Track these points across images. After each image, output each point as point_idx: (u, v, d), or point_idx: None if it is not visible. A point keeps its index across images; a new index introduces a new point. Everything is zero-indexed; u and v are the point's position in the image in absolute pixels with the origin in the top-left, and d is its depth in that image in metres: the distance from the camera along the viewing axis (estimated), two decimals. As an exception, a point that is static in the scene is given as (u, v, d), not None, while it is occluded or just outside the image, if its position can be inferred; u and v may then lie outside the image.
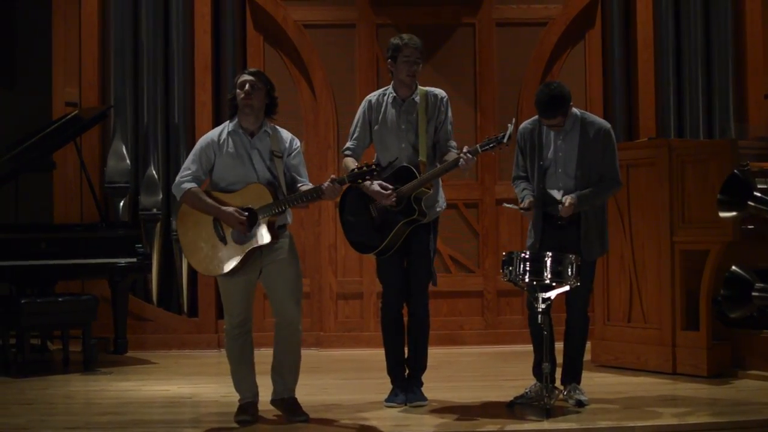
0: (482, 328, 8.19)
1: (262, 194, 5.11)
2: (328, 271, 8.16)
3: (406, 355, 5.70)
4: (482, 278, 8.21)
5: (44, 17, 8.38)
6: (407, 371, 5.68)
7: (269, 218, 5.08)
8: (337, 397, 5.90)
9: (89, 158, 7.98)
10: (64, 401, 5.90)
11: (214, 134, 5.28)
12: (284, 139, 5.29)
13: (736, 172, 6.03)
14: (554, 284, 5.20)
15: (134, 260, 7.25)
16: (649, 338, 6.54)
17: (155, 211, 8.05)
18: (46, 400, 5.94)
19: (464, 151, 5.36)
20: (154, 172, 8.10)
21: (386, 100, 5.65)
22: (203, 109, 8.23)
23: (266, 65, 8.09)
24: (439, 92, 5.66)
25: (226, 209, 5.09)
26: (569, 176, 5.46)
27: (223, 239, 5.14)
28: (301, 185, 5.23)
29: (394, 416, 5.35)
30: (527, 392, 5.52)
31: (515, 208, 5.51)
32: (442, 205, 5.68)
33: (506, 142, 5.33)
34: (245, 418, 5.19)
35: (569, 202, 5.35)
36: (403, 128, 5.58)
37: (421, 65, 5.59)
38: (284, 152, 5.24)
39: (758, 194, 6.02)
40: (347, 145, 5.71)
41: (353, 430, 5.09)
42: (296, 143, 5.33)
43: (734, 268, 6.36)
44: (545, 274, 5.17)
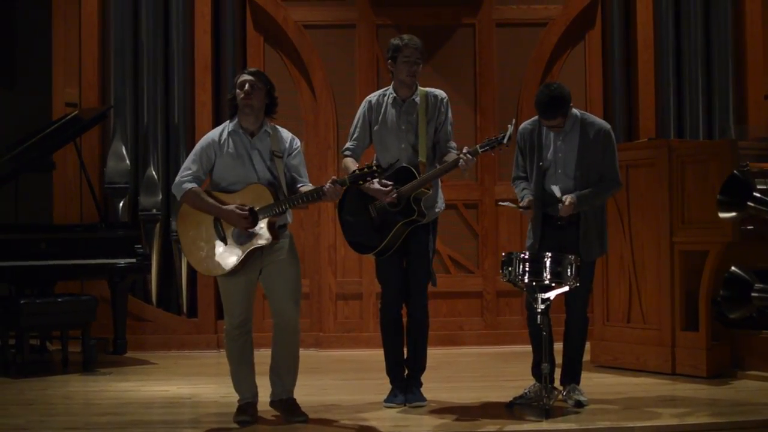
0: (482, 328, 8.19)
1: (262, 194, 5.11)
2: (327, 271, 8.16)
3: (405, 355, 5.70)
4: (482, 279, 8.21)
5: (44, 17, 8.38)
6: (406, 372, 5.68)
7: (270, 218, 5.08)
8: (336, 397, 5.90)
9: (89, 159, 7.99)
10: (63, 402, 5.90)
11: (214, 134, 5.28)
12: (284, 138, 5.28)
13: (735, 172, 6.03)
14: (553, 285, 5.20)
15: (134, 261, 7.26)
16: (648, 339, 6.54)
17: (155, 211, 8.05)
18: (45, 400, 5.93)
19: (464, 151, 5.36)
20: (153, 172, 8.10)
21: (386, 100, 5.64)
22: (203, 109, 8.23)
23: (266, 65, 8.09)
24: (439, 93, 5.66)
25: (226, 208, 5.09)
26: (569, 177, 5.45)
27: (223, 239, 5.14)
28: (301, 185, 5.23)
29: (393, 417, 5.35)
30: (526, 393, 5.51)
31: (513, 206, 5.51)
32: (441, 206, 5.67)
33: (506, 142, 5.32)
34: (245, 418, 5.19)
35: (569, 201, 5.35)
36: (403, 129, 5.58)
37: (421, 66, 5.59)
38: (284, 152, 5.24)
39: (758, 195, 6.02)
40: (347, 145, 5.70)
41: (352, 430, 5.08)
42: (296, 143, 5.32)
43: (734, 268, 6.36)
44: (544, 274, 5.17)
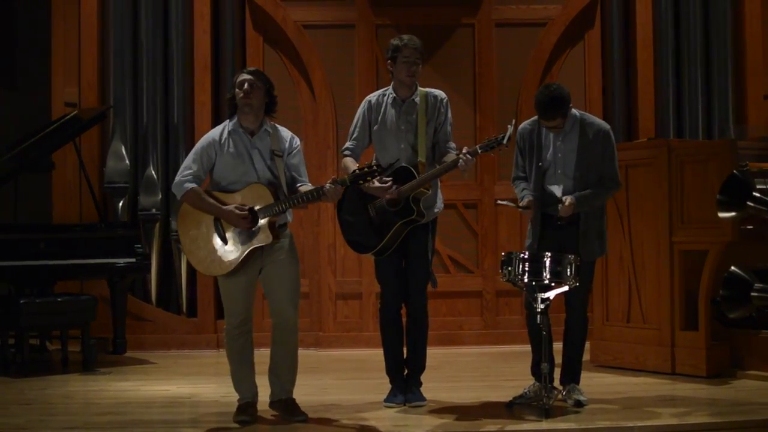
0: (481, 328, 8.19)
1: (262, 194, 5.11)
2: (327, 271, 8.16)
3: (404, 355, 5.70)
4: (481, 278, 8.21)
5: (44, 17, 8.38)
6: (406, 371, 5.68)
7: (270, 218, 5.08)
8: (336, 397, 5.90)
9: (88, 158, 7.99)
10: (63, 401, 5.90)
11: (215, 133, 5.27)
12: (284, 137, 5.28)
13: (735, 172, 6.03)
14: (553, 284, 5.20)
15: (133, 260, 7.26)
16: (648, 338, 6.54)
17: (154, 211, 8.04)
18: (45, 400, 5.93)
19: (463, 152, 5.35)
20: (153, 172, 8.10)
21: (386, 100, 5.64)
22: (202, 109, 8.22)
23: (265, 65, 8.08)
24: (439, 93, 5.66)
25: (226, 208, 5.09)
26: (568, 177, 5.45)
27: (223, 239, 5.14)
28: (300, 185, 5.23)
29: (393, 416, 5.35)
30: (526, 392, 5.51)
31: (512, 205, 5.51)
32: (440, 206, 5.67)
33: (506, 143, 5.31)
34: (244, 418, 5.18)
35: (569, 201, 5.34)
36: (402, 129, 5.57)
37: (420, 66, 5.58)
38: (284, 151, 5.24)
39: (757, 195, 6.02)
40: (346, 145, 5.70)
41: (352, 430, 5.08)
42: (296, 142, 5.32)
43: (733, 268, 6.36)
44: (544, 274, 5.17)
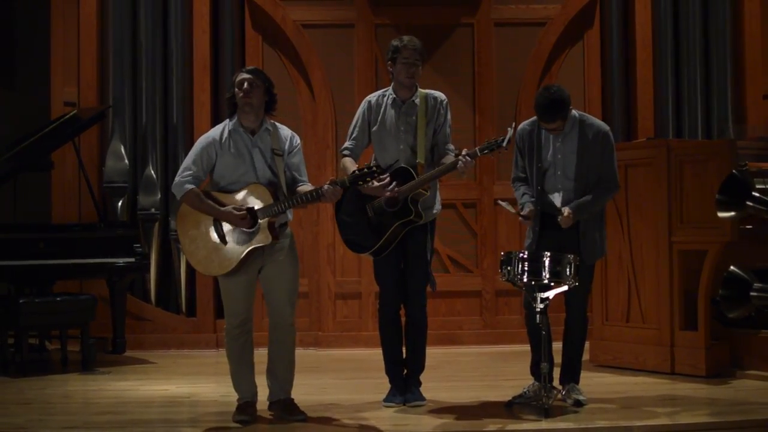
0: (481, 327, 8.19)
1: (262, 194, 5.11)
2: (326, 270, 8.16)
3: (404, 355, 5.70)
4: (481, 278, 8.21)
5: (43, 17, 8.37)
6: (405, 371, 5.68)
7: (269, 218, 5.08)
8: (335, 396, 5.90)
9: (88, 158, 7.98)
10: (62, 401, 5.90)
11: (215, 133, 5.26)
12: (285, 136, 5.28)
13: (734, 172, 6.04)
14: (552, 284, 5.20)
15: (132, 260, 7.26)
16: (647, 338, 6.54)
17: (153, 211, 8.04)
18: (44, 399, 5.93)
19: (463, 153, 5.34)
20: (152, 172, 8.10)
21: (386, 101, 5.64)
22: (202, 109, 8.22)
23: (265, 65, 8.06)
24: (439, 95, 5.65)
25: (224, 209, 5.09)
26: (568, 178, 5.45)
27: (223, 239, 5.13)
28: (300, 185, 5.23)
29: (392, 416, 5.35)
30: (525, 392, 5.51)
31: (513, 212, 5.49)
32: (438, 207, 5.67)
33: (505, 146, 5.31)
34: (244, 417, 5.19)
35: (567, 213, 5.31)
36: (402, 130, 5.57)
37: (420, 67, 5.57)
38: (285, 150, 5.23)
39: (756, 194, 6.03)
40: (345, 144, 5.69)
41: (351, 429, 5.09)
42: (296, 140, 5.32)
43: (732, 268, 6.36)
44: (543, 274, 5.17)
